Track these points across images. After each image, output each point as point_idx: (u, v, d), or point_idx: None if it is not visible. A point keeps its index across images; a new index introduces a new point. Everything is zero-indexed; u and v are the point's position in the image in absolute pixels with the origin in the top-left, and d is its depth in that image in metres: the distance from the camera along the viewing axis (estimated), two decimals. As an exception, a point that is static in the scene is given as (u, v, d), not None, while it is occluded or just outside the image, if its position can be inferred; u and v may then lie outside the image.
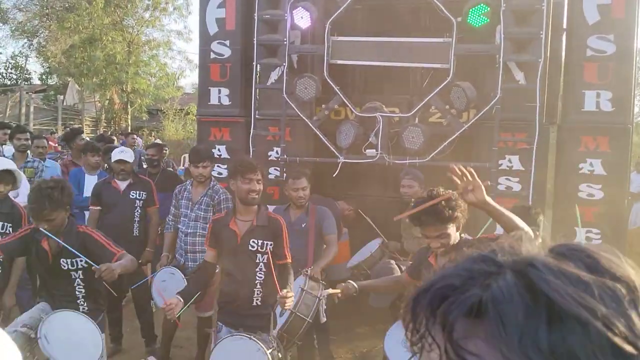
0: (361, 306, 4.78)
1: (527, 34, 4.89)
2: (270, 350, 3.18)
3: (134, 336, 5.49)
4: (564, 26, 5.42)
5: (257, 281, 3.48)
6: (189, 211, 4.80)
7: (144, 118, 22.09)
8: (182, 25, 47.58)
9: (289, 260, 3.57)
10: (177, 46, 41.47)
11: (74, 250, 3.37)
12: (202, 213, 4.76)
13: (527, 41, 4.92)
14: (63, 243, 3.37)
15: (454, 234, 2.91)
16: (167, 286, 4.48)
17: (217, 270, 3.95)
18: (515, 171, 5.09)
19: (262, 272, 3.49)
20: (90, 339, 3.25)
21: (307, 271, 3.87)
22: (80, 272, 3.50)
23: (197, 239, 4.73)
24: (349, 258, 5.29)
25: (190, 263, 4.72)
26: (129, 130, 17.39)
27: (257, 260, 3.48)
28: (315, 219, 4.43)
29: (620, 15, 5.03)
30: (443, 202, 2.77)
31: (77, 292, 3.56)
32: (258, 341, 3.15)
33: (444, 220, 2.82)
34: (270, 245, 3.48)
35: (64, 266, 3.50)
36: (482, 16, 4.85)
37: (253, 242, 3.46)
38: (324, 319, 4.18)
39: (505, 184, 5.03)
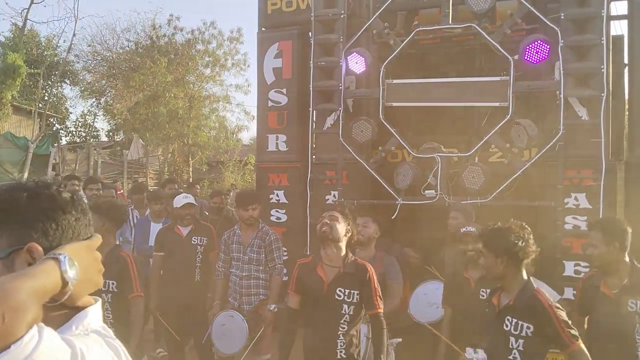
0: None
1: (587, 69, 4.78)
2: None
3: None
4: (625, 61, 5.28)
5: (339, 332, 3.27)
6: (241, 254, 4.86)
7: (204, 169, 22.76)
8: (241, 79, 49.37)
9: (380, 310, 3.32)
10: (235, 99, 42.81)
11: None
12: (255, 255, 4.81)
13: (588, 76, 4.80)
14: None
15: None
16: (228, 329, 4.50)
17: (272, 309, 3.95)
18: (583, 209, 4.86)
19: (346, 324, 3.28)
20: None
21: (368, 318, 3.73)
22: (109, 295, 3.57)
23: (252, 281, 4.77)
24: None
25: (245, 306, 4.74)
26: (191, 181, 17.92)
27: (343, 311, 3.27)
28: (382, 268, 4.18)
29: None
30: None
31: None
32: None
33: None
34: (357, 294, 3.29)
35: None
36: (538, 53, 4.79)
37: (340, 290, 3.27)
38: None
39: (573, 222, 4.81)
